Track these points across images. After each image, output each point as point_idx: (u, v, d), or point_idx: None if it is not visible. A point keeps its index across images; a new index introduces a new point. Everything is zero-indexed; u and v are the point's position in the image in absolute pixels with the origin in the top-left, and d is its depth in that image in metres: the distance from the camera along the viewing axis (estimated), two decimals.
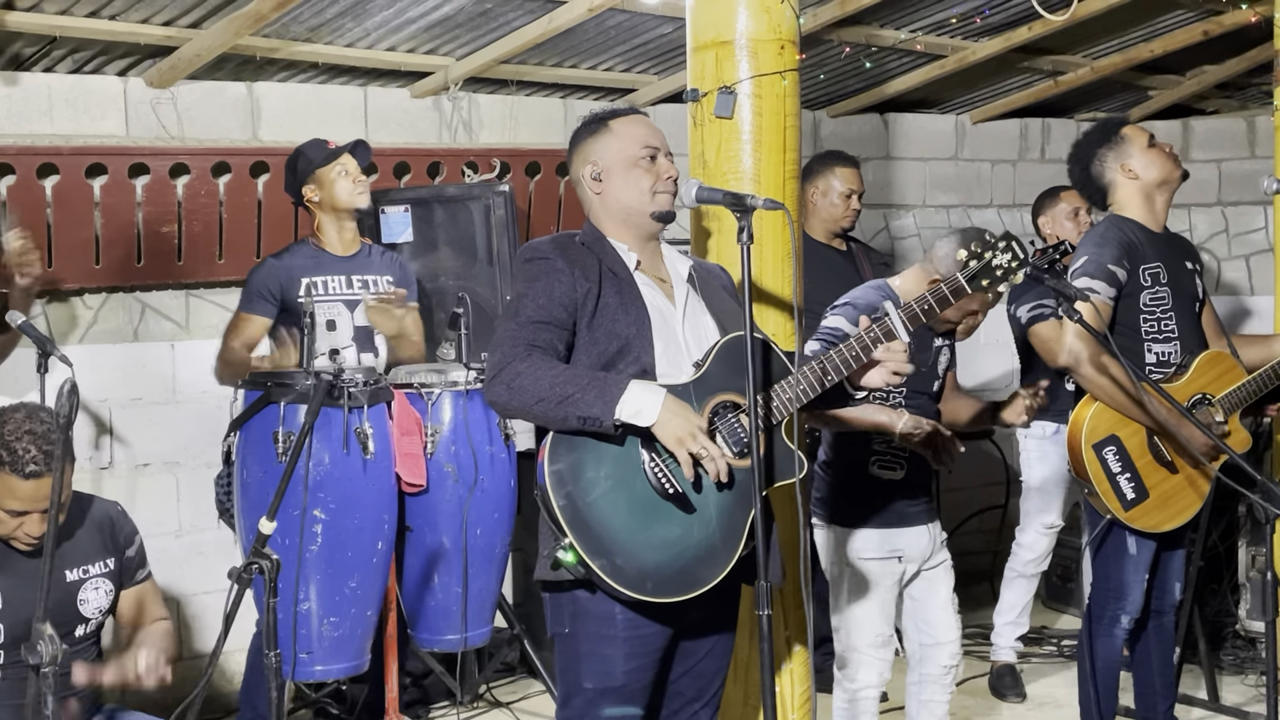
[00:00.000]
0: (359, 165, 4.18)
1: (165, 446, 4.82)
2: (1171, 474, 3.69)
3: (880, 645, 3.48)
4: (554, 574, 2.61)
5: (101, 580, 3.02)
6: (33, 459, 2.80)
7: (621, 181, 2.77)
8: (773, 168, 3.17)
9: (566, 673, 2.74)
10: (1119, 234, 3.74)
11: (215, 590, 4.77)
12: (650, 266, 2.81)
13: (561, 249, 2.71)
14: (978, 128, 6.72)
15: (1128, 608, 3.79)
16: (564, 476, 2.57)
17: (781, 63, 3.16)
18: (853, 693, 3.51)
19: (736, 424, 2.66)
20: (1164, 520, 3.69)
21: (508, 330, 2.65)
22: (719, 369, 2.68)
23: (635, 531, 2.58)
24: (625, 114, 2.86)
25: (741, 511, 2.65)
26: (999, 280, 2.88)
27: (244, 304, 4.15)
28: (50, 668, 2.39)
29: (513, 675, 5.04)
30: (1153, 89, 6.68)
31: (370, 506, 3.65)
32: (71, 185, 4.49)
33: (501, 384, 2.60)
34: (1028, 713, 4.68)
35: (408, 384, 3.87)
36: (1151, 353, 3.72)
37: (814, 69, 5.49)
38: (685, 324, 2.77)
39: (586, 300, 2.66)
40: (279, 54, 4.66)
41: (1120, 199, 3.86)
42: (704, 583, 2.62)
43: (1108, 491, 3.62)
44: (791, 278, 3.19)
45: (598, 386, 2.54)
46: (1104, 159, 3.86)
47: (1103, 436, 3.64)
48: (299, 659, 3.59)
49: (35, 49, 4.43)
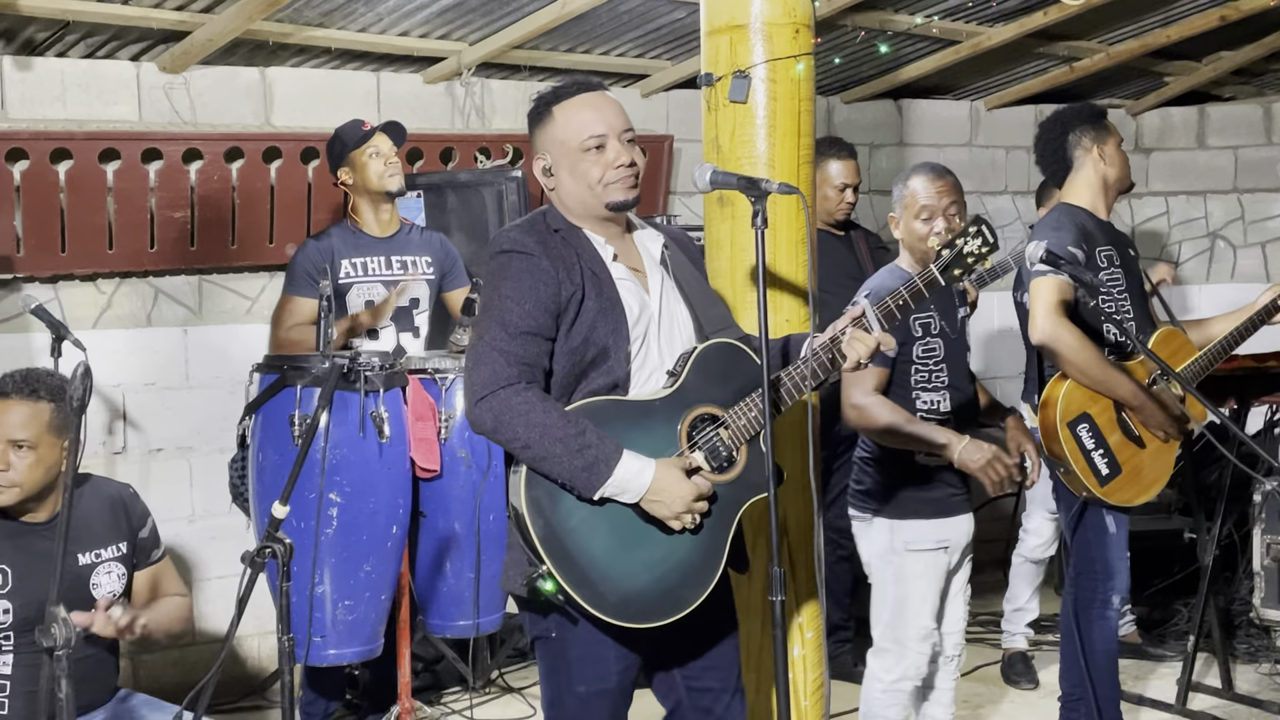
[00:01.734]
0: (393, 145, 4.18)
1: (178, 431, 4.83)
2: (1140, 448, 3.74)
3: (923, 638, 3.43)
4: (527, 592, 2.54)
5: (114, 564, 3.02)
6: (9, 379, 2.87)
7: (569, 176, 2.61)
8: (787, 152, 3.16)
9: (554, 675, 2.66)
10: (1073, 219, 3.75)
11: (229, 575, 4.79)
12: (625, 256, 2.67)
13: (542, 243, 2.56)
14: (992, 114, 6.70)
15: (1117, 587, 3.80)
16: (541, 504, 2.49)
17: (796, 47, 3.15)
18: (889, 684, 3.45)
19: (716, 439, 2.60)
20: (1136, 494, 3.74)
21: (495, 337, 2.50)
22: (696, 379, 2.60)
23: (617, 557, 2.52)
24: (570, 96, 2.62)
25: (722, 528, 2.59)
26: (971, 268, 2.83)
27: (290, 287, 4.13)
28: (64, 651, 2.39)
29: (524, 661, 5.05)
30: (1169, 75, 6.65)
31: (385, 491, 3.65)
32: (84, 170, 4.49)
33: (489, 411, 2.46)
34: (1040, 700, 4.67)
35: (422, 369, 3.86)
36: (1110, 333, 3.75)
37: (828, 54, 5.47)
38: (661, 320, 2.66)
39: (570, 305, 2.53)
40: (292, 39, 4.65)
41: (1079, 182, 3.87)
42: (688, 603, 2.56)
43: (1085, 469, 3.65)
44: (805, 263, 3.18)
45: (585, 458, 2.44)
46: (1083, 136, 3.86)
47: (1076, 414, 3.67)
48: (313, 643, 3.59)
49: (48, 33, 4.43)
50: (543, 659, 2.70)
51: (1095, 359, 3.66)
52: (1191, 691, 4.52)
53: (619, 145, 2.60)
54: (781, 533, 2.63)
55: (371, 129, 4.16)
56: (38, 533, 2.91)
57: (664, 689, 2.80)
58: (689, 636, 2.67)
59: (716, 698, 2.77)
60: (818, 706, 3.24)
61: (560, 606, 2.55)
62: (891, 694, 3.47)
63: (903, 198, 3.46)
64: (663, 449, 2.56)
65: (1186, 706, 4.46)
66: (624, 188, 2.60)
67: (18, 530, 2.91)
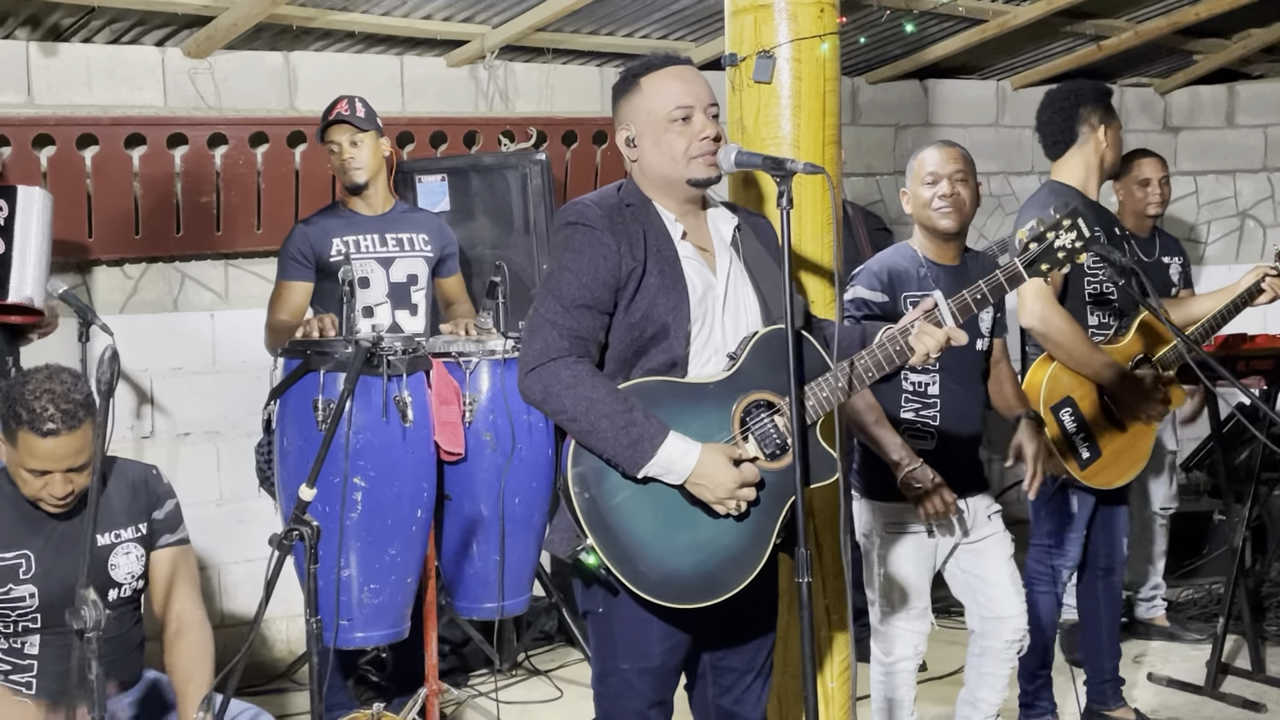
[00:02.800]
0: (355, 133, 4.08)
1: (206, 415, 4.86)
2: (1120, 431, 3.78)
3: (914, 618, 3.46)
4: (572, 563, 2.56)
5: (132, 545, 3.01)
6: (50, 417, 2.76)
7: (654, 147, 2.61)
8: (812, 133, 3.13)
9: (601, 650, 2.69)
10: (1063, 199, 3.73)
11: (257, 558, 4.82)
12: (695, 235, 2.68)
13: (608, 217, 2.56)
14: (1019, 94, 6.64)
15: (1067, 562, 3.90)
16: (587, 479, 2.51)
17: (821, 26, 3.12)
18: (888, 666, 3.48)
19: (770, 426, 2.59)
20: (1115, 477, 3.80)
21: (550, 310, 2.52)
22: (754, 365, 2.59)
23: (661, 537, 2.52)
24: (659, 67, 2.64)
25: (771, 514, 2.59)
26: (1061, 263, 2.77)
27: (281, 273, 4.17)
28: (94, 632, 2.40)
29: (551, 643, 5.06)
30: (1198, 53, 6.58)
31: (409, 474, 3.65)
32: (111, 155, 4.51)
33: (538, 383, 2.49)
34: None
35: (446, 353, 3.87)
36: (1094, 315, 3.74)
37: (854, 34, 5.43)
38: (726, 301, 2.65)
39: (630, 280, 2.54)
40: (315, 23, 4.66)
41: (1075, 160, 3.88)
42: (731, 587, 2.56)
43: (1066, 452, 3.69)
44: (831, 244, 3.16)
45: (631, 435, 2.44)
46: (1092, 115, 3.87)
47: (1060, 398, 3.70)
48: (340, 625, 3.60)
49: (74, 19, 4.45)
50: (591, 634, 2.73)
51: (1083, 342, 3.69)
52: (1221, 674, 4.50)
53: (704, 118, 2.62)
54: (808, 515, 2.63)
55: (333, 119, 4.08)
56: (56, 516, 2.92)
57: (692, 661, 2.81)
58: (726, 616, 2.67)
59: (739, 678, 2.79)
60: (845, 688, 3.23)
61: (605, 581, 2.57)
62: (894, 675, 3.47)
63: (912, 169, 3.50)
64: (714, 433, 2.55)
65: (1217, 689, 4.43)
66: (706, 164, 2.61)
67: (37, 515, 2.92)
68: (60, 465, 2.81)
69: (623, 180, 2.71)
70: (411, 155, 5.02)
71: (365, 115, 4.12)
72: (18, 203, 3.70)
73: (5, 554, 2.87)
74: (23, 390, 2.81)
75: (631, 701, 2.66)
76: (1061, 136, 3.91)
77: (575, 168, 5.34)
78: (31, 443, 2.78)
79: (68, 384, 2.82)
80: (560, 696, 4.60)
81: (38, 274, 3.73)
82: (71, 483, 2.83)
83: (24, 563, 2.88)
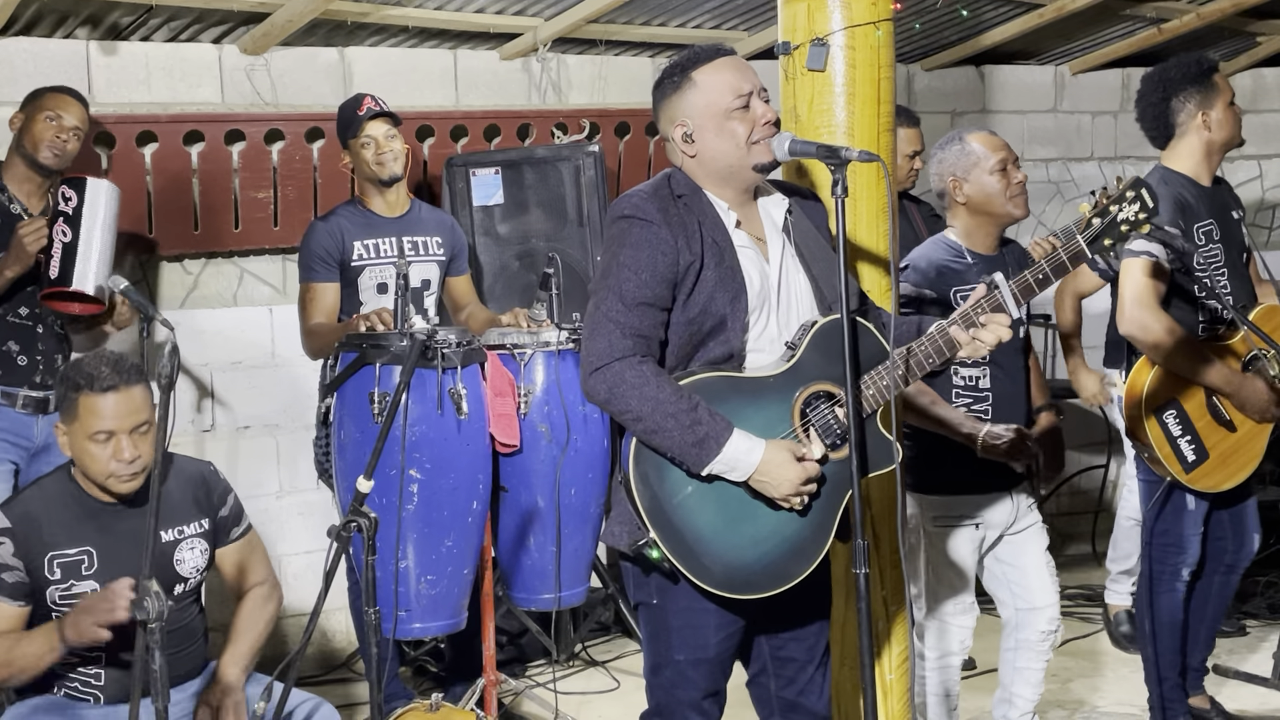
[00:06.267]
0: (390, 127, 4.16)
1: (265, 409, 4.91)
2: (1230, 432, 3.64)
3: (961, 612, 3.42)
4: (634, 555, 2.58)
5: (197, 540, 3.06)
6: (106, 376, 2.86)
7: (716, 138, 2.61)
8: (866, 120, 3.11)
9: (655, 642, 2.69)
10: (1171, 191, 3.60)
11: (316, 550, 4.86)
12: (748, 224, 2.67)
13: (663, 210, 2.56)
14: (1077, 79, 6.55)
15: (1187, 561, 3.76)
16: (649, 477, 2.52)
17: (875, 13, 3.09)
18: (935, 661, 3.45)
19: (831, 417, 2.59)
20: (1223, 479, 3.66)
21: (611, 307, 2.52)
22: (813, 355, 2.58)
23: (723, 532, 2.53)
24: (707, 60, 2.64)
25: (831, 505, 2.59)
26: (1124, 237, 2.69)
27: (307, 275, 4.20)
28: (157, 623, 2.44)
29: (608, 634, 5.07)
30: (1261, 35, 6.45)
31: (465, 467, 3.67)
32: (170, 152, 4.57)
33: (603, 383, 2.49)
34: (1131, 674, 4.59)
35: (500, 345, 3.88)
36: (1203, 311, 3.63)
37: (909, 20, 5.37)
38: (781, 290, 2.65)
39: (688, 274, 2.54)
40: (370, 18, 4.68)
41: (1182, 148, 3.70)
42: (793, 577, 2.57)
43: (1169, 455, 3.58)
44: (887, 233, 3.14)
45: (696, 434, 2.45)
46: (1188, 100, 3.67)
47: (1163, 401, 3.58)
48: (399, 616, 3.63)
49: (132, 18, 4.50)
50: (645, 625, 2.73)
51: (1184, 350, 3.52)
52: None
53: (760, 103, 2.63)
54: (864, 505, 2.61)
55: (366, 114, 4.14)
56: (116, 512, 2.96)
57: (749, 654, 2.81)
58: (783, 606, 2.67)
59: (801, 668, 2.79)
60: (903, 680, 3.21)
61: (663, 571, 2.57)
62: (940, 671, 3.44)
63: (966, 157, 3.42)
64: (775, 426, 2.55)
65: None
66: (768, 147, 2.61)
67: (99, 510, 2.96)
68: (124, 424, 2.87)
69: (669, 170, 2.69)
70: (465, 149, 5.04)
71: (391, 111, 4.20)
72: (86, 193, 3.81)
73: (68, 550, 2.92)
74: (76, 365, 2.95)
75: (686, 692, 2.66)
76: (1160, 130, 3.74)
77: (629, 159, 5.34)
78: (92, 402, 2.86)
79: (116, 356, 2.95)
80: (617, 687, 4.61)
81: (101, 265, 3.82)
82: (137, 447, 2.88)
83: (86, 559, 2.92)
